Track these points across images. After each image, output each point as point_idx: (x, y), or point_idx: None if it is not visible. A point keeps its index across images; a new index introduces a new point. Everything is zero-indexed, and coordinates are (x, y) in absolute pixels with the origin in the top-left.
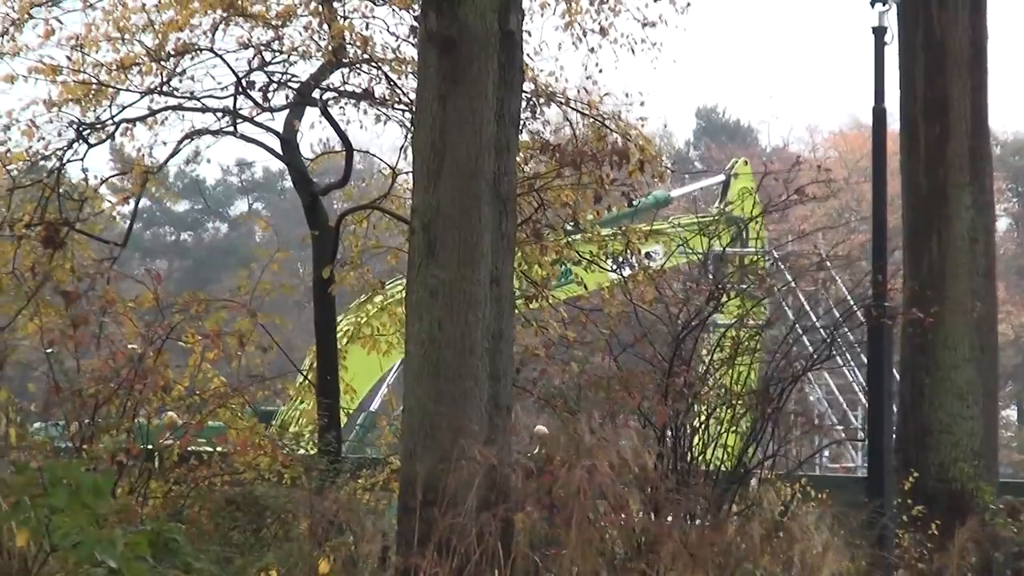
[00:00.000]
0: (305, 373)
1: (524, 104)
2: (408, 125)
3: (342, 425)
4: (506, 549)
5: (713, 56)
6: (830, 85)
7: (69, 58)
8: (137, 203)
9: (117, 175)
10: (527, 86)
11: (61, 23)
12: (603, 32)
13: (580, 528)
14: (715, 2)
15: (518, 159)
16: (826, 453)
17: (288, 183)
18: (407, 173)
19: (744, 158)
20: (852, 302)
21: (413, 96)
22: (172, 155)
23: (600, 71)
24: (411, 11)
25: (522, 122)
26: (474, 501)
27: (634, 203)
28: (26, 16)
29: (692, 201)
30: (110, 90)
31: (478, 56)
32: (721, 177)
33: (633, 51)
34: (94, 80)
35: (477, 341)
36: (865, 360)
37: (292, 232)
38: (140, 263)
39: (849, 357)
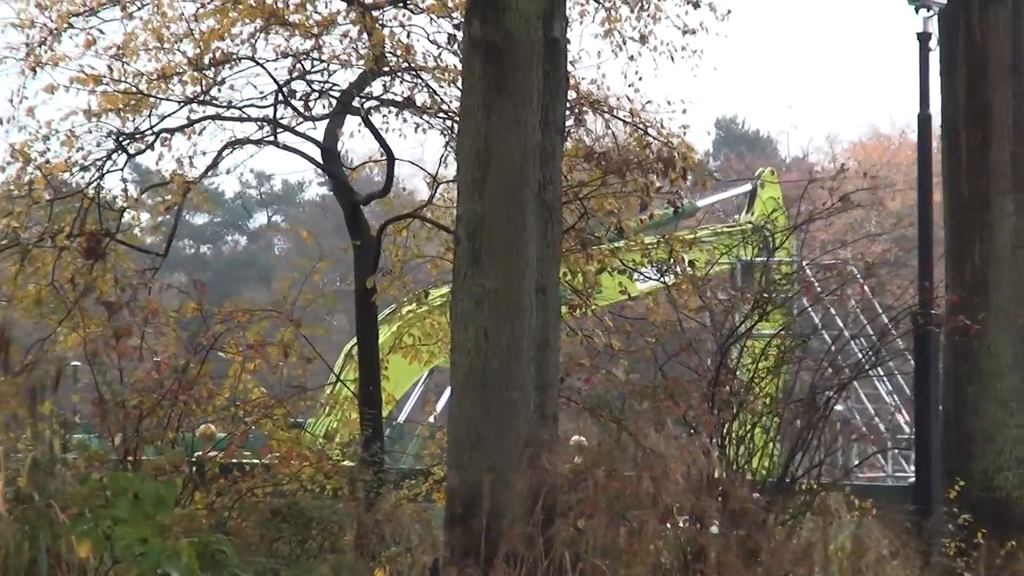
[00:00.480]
0: (347, 383)
1: (568, 112)
2: (449, 134)
3: None
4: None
5: (731, 67)
6: (849, 95)
7: (110, 68)
8: (178, 214)
9: (158, 185)
10: (570, 94)
11: (102, 32)
12: (643, 40)
13: (651, 536)
14: (731, 14)
15: (562, 167)
16: (856, 461)
17: (307, 195)
18: (448, 182)
19: (771, 168)
20: (882, 311)
21: (454, 104)
22: (213, 165)
23: (640, 79)
24: (449, 19)
25: (566, 130)
26: (541, 510)
27: (680, 210)
28: (64, 26)
29: (713, 211)
30: (149, 100)
31: (523, 63)
32: (748, 187)
33: (672, 59)
34: (135, 89)
35: (523, 350)
36: (895, 370)
37: (313, 244)
38: (159, 275)
39: (879, 368)
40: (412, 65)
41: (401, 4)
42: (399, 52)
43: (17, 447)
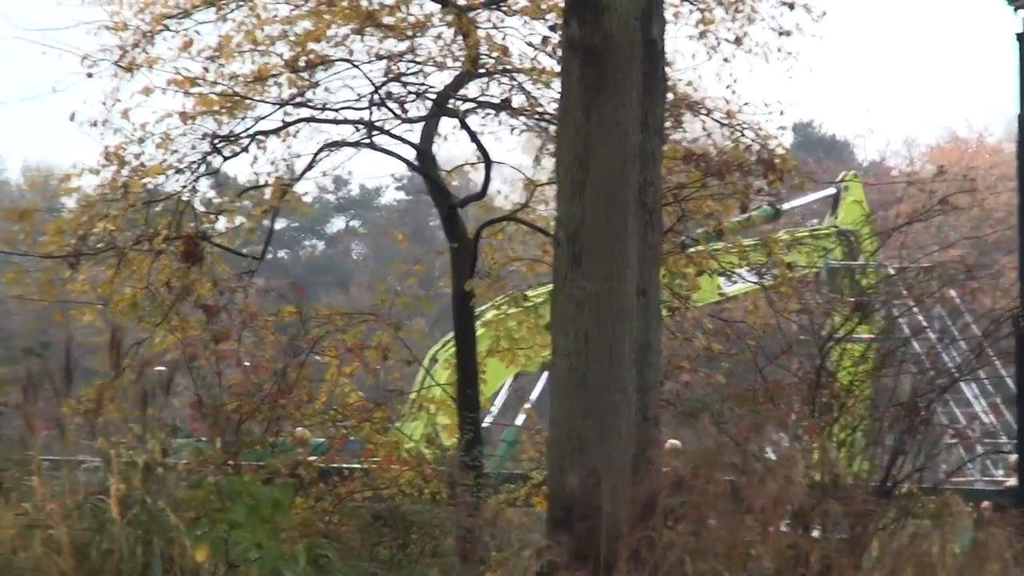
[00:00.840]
0: (444, 386)
1: (665, 113)
2: (544, 136)
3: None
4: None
5: (807, 70)
6: (925, 98)
7: (206, 70)
8: (274, 217)
9: (254, 188)
10: (667, 96)
11: (199, 33)
12: (738, 42)
13: (775, 540)
14: (826, 15)
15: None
16: (943, 465)
17: (384, 200)
18: (542, 185)
19: (854, 171)
20: (974, 315)
21: (549, 107)
22: (309, 168)
23: (735, 80)
24: (543, 21)
25: (664, 132)
26: (650, 514)
27: (777, 212)
28: (158, 28)
29: (789, 215)
30: (244, 102)
31: (622, 65)
32: (831, 190)
33: (767, 60)
34: (232, 92)
35: (624, 353)
36: (988, 374)
37: (391, 248)
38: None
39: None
40: (508, 67)
41: (494, 6)
42: (495, 54)
43: (120, 452)
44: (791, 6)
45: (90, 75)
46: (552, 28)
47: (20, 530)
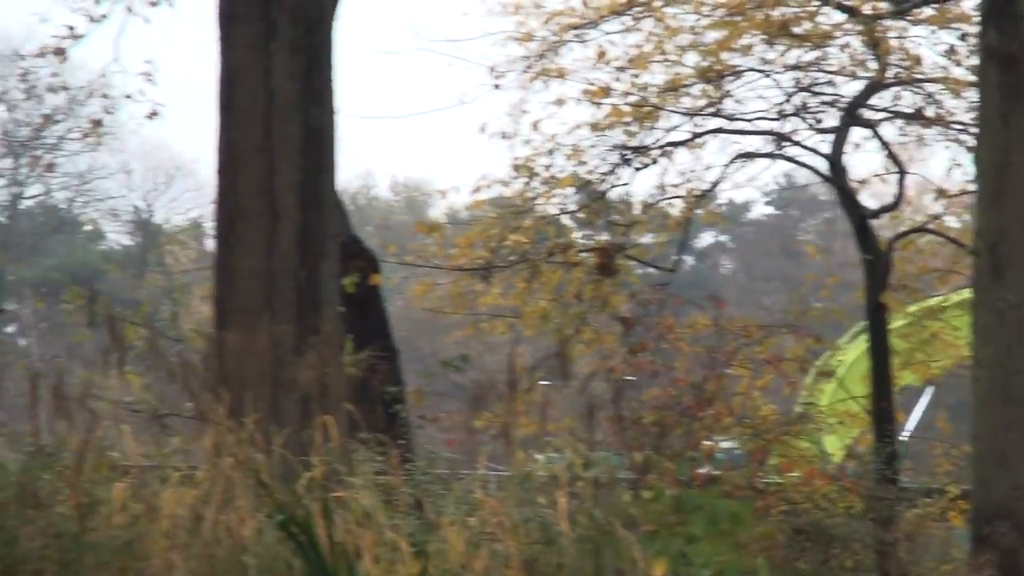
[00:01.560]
0: (857, 399)
1: None
2: (956, 145)
3: None
4: None
5: None
6: None
7: (617, 80)
8: (687, 229)
9: (666, 199)
10: None
11: (613, 43)
12: None
13: None
14: None
15: None
16: None
17: (752, 214)
18: (954, 196)
19: None
20: None
21: (960, 116)
22: (720, 179)
23: None
24: (951, 29)
25: None
26: None
27: None
28: (568, 38)
29: None
30: (655, 113)
31: None
32: None
33: None
34: (645, 103)
35: None
36: None
37: (757, 263)
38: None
39: None
40: (918, 76)
41: (900, 16)
42: (908, 63)
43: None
44: None
45: (497, 86)
46: (961, 37)
47: (466, 546)
